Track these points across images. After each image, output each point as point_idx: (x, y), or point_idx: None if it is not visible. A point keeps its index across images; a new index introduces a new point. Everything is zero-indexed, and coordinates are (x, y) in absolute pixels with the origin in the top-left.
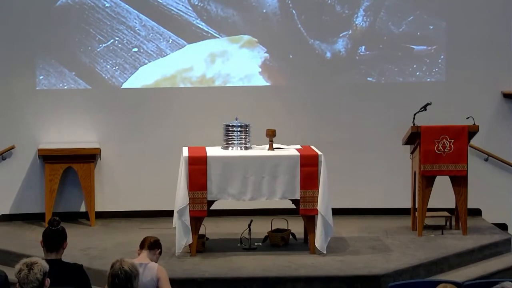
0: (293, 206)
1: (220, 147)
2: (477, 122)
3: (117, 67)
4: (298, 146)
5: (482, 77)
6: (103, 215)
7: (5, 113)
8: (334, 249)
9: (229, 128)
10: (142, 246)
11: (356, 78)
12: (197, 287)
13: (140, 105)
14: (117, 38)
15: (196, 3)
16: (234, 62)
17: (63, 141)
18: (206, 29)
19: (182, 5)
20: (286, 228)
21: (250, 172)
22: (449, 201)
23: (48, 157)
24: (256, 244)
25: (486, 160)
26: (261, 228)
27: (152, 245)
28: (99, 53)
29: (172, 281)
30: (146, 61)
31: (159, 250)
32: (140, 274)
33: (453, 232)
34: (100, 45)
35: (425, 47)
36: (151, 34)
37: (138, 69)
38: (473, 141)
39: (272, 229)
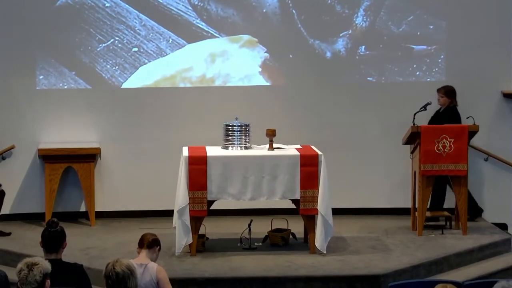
0: (293, 206)
1: (220, 147)
2: (477, 122)
3: (117, 67)
4: (298, 146)
5: (482, 77)
6: (103, 215)
7: (5, 113)
8: (334, 249)
9: (229, 128)
10: (141, 245)
11: (356, 78)
12: (197, 287)
13: (140, 105)
14: (117, 38)
15: (196, 3)
16: (234, 62)
17: (63, 141)
18: (206, 29)
19: (182, 5)
20: (286, 228)
21: (250, 172)
22: (449, 201)
23: (48, 157)
24: (256, 244)
25: (486, 160)
26: (261, 228)
27: (151, 244)
28: (99, 53)
29: (172, 281)
30: (146, 61)
31: (158, 247)
32: (140, 275)
33: (453, 232)
34: (100, 45)
35: (425, 47)
36: (151, 34)
37: (138, 69)
38: (473, 141)
39: (272, 229)
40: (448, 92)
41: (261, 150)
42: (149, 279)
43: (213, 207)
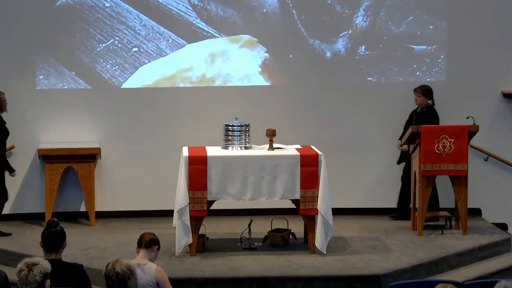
0: (293, 206)
1: (220, 147)
2: (477, 122)
3: (117, 67)
4: (298, 146)
5: (482, 77)
6: (103, 215)
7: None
8: (334, 249)
9: (229, 128)
10: (139, 244)
11: (356, 78)
12: (197, 287)
13: (140, 105)
14: (117, 38)
15: (196, 3)
16: (234, 62)
17: (63, 141)
18: (206, 29)
19: (182, 5)
20: (286, 228)
21: (250, 172)
22: (449, 201)
23: (48, 157)
24: (256, 244)
25: (486, 160)
26: (261, 228)
27: (149, 244)
28: (99, 53)
29: (172, 281)
30: (146, 61)
31: (157, 246)
32: (138, 275)
33: (453, 232)
34: (100, 45)
35: (425, 47)
36: (151, 34)
37: (138, 69)
38: (473, 141)
39: (272, 229)
40: (425, 92)
41: (261, 150)
42: (147, 280)
43: (213, 207)
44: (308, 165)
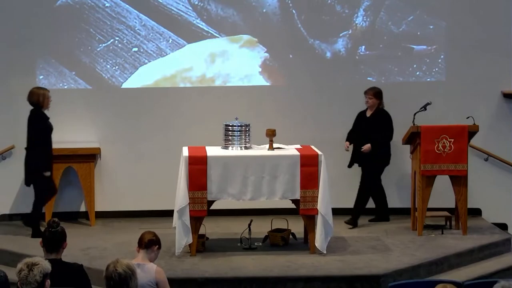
0: (293, 206)
1: (220, 147)
2: (477, 122)
3: (117, 67)
4: (298, 146)
5: (482, 77)
6: (103, 215)
7: (5, 112)
8: (334, 249)
9: (229, 128)
10: (139, 245)
11: (356, 78)
12: (197, 287)
13: (140, 105)
14: (117, 38)
15: (196, 3)
16: (234, 62)
17: (63, 141)
18: (206, 29)
19: (182, 5)
20: (286, 228)
21: (250, 172)
22: (449, 201)
23: None
24: (256, 244)
25: (486, 160)
26: (261, 228)
27: (148, 244)
28: (99, 53)
29: (172, 281)
30: (146, 61)
31: (157, 246)
32: (138, 275)
33: (453, 232)
34: (100, 45)
35: (425, 47)
36: (151, 34)
37: (138, 69)
38: (473, 141)
39: (272, 229)
40: (377, 94)
41: (261, 150)
42: (147, 280)
43: (213, 207)
44: (308, 165)
